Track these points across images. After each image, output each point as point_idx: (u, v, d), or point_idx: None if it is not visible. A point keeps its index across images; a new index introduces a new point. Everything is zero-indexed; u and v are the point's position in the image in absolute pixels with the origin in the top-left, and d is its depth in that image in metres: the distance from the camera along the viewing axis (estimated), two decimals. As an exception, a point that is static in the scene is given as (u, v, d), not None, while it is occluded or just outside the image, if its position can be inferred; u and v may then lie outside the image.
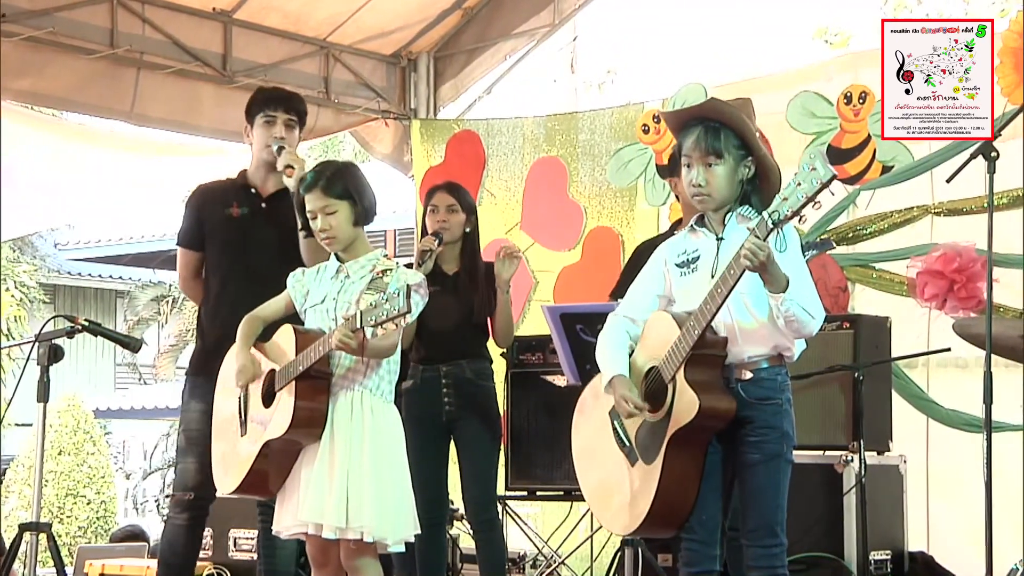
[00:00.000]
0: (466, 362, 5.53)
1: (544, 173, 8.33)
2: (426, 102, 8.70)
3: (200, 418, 4.86)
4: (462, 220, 5.59)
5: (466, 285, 5.55)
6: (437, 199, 5.62)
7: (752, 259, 3.54)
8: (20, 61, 6.86)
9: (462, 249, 5.62)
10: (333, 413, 4.21)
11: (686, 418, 3.72)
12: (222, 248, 4.99)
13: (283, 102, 4.99)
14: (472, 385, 5.53)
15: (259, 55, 7.88)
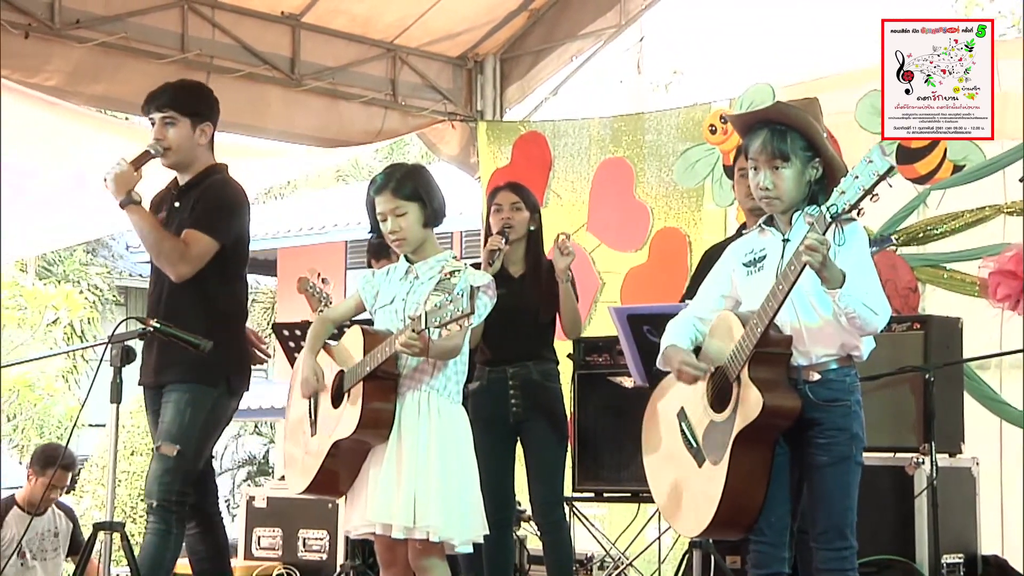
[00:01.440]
0: (533, 363, 5.54)
1: (610, 174, 8.31)
2: (492, 104, 8.71)
3: (151, 422, 4.87)
4: (526, 218, 5.59)
5: (532, 286, 5.56)
6: (501, 198, 5.62)
7: (812, 254, 3.53)
8: (93, 66, 6.96)
9: (527, 249, 5.62)
10: (400, 413, 4.24)
11: (751, 417, 3.70)
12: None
13: (153, 100, 4.89)
14: (539, 387, 5.53)
15: (327, 58, 7.93)
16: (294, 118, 7.85)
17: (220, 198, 4.85)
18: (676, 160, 8.07)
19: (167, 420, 4.65)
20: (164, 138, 4.82)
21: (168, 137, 4.82)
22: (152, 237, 4.73)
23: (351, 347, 4.35)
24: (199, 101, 4.94)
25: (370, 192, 4.40)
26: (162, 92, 4.87)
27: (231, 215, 4.85)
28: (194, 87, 5.06)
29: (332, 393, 4.41)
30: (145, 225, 4.74)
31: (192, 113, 4.86)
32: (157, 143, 4.83)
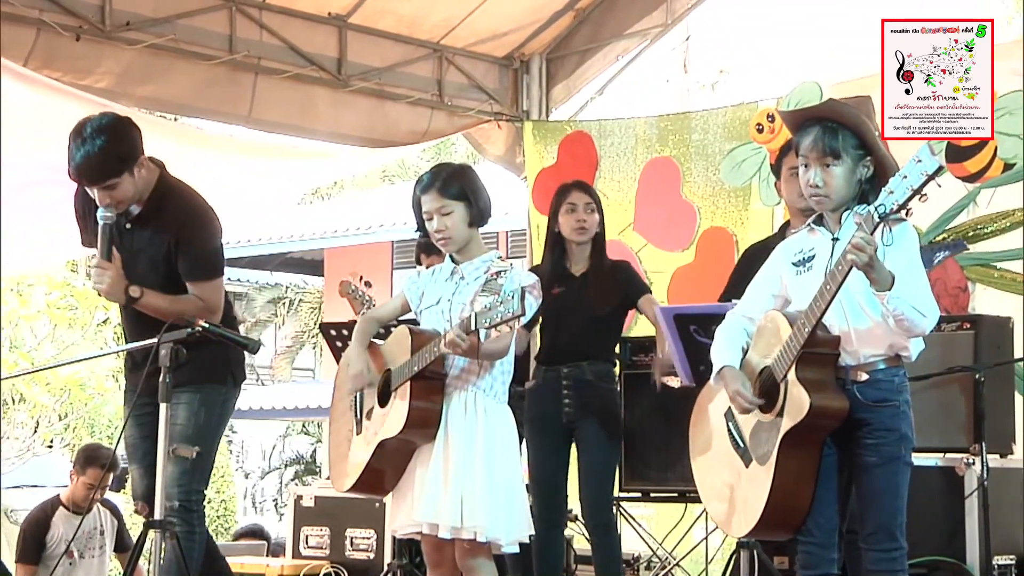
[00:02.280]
0: (587, 364, 5.53)
1: (657, 173, 8.29)
2: (538, 104, 8.71)
3: (131, 423, 4.78)
4: (597, 220, 5.60)
5: (592, 285, 5.55)
6: (575, 197, 5.61)
7: (858, 254, 3.51)
8: (143, 68, 7.01)
9: (592, 249, 5.62)
10: (447, 413, 4.25)
11: (797, 417, 3.69)
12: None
13: (86, 176, 4.49)
14: (592, 387, 5.53)
15: (373, 59, 7.96)
16: (341, 119, 7.88)
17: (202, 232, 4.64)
18: (723, 159, 8.04)
19: (181, 422, 4.61)
20: (113, 200, 4.52)
21: (115, 196, 4.52)
22: (171, 311, 4.54)
23: (398, 347, 4.36)
24: (126, 148, 4.53)
25: (416, 191, 4.41)
26: (90, 168, 4.45)
27: (215, 240, 4.68)
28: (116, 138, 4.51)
29: (379, 392, 4.42)
30: (159, 306, 4.58)
31: (127, 165, 4.50)
32: (107, 208, 4.51)
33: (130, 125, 4.61)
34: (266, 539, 8.89)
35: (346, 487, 4.53)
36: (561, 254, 5.65)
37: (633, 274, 5.75)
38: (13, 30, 6.51)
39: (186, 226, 4.62)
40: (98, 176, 4.46)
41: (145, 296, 4.56)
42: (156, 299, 4.58)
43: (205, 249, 4.66)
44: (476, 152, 9.30)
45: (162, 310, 4.57)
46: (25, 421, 13.91)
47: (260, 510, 21.36)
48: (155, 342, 4.30)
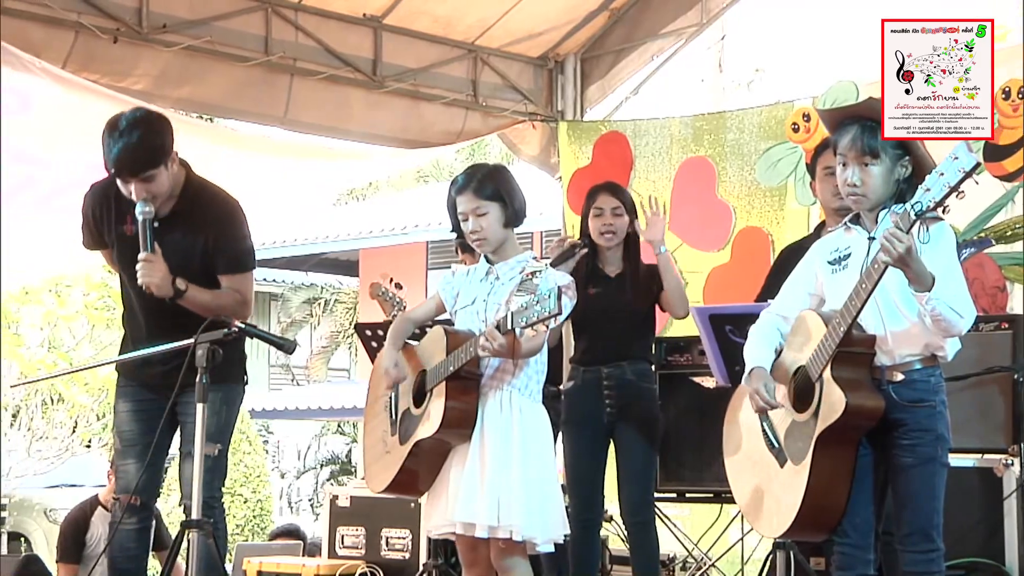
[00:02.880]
0: (627, 364, 5.54)
1: (692, 173, 8.28)
2: (573, 104, 8.71)
3: (130, 417, 4.79)
4: (627, 223, 5.60)
5: (627, 286, 5.55)
6: (602, 201, 5.62)
7: (890, 250, 3.49)
8: (180, 70, 7.06)
9: (625, 250, 5.62)
10: (483, 413, 4.26)
11: (833, 416, 3.68)
12: (119, 263, 4.79)
13: (127, 168, 4.51)
14: (634, 387, 5.53)
15: (408, 59, 7.98)
16: (376, 119, 7.91)
17: (236, 227, 4.71)
18: (758, 159, 8.01)
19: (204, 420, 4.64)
20: (150, 194, 4.53)
21: (152, 190, 4.54)
22: (213, 306, 4.59)
23: (433, 347, 4.38)
24: (162, 140, 4.57)
25: (451, 192, 4.42)
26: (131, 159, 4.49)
27: (248, 234, 4.75)
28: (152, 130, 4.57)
29: (414, 392, 4.44)
30: (203, 301, 4.60)
31: (164, 156, 4.54)
32: (145, 203, 4.53)
33: (163, 119, 4.67)
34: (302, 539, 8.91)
35: (381, 488, 4.54)
36: (593, 255, 5.66)
37: None
38: (52, 32, 6.57)
39: (220, 222, 4.68)
40: (138, 167, 4.48)
41: (190, 290, 4.58)
42: (200, 293, 4.61)
43: (241, 243, 4.73)
44: (511, 152, 9.30)
45: (205, 304, 4.60)
46: (64, 421, 14.02)
47: (296, 510, 21.44)
48: (192, 342, 4.33)
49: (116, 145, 4.50)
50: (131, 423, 4.79)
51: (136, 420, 4.78)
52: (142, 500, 4.74)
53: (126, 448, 4.79)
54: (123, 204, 4.67)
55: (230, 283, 4.67)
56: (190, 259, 4.63)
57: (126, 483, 4.77)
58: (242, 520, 15.67)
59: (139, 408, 4.78)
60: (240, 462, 15.74)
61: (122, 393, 4.86)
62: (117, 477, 4.84)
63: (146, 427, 4.76)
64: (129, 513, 4.73)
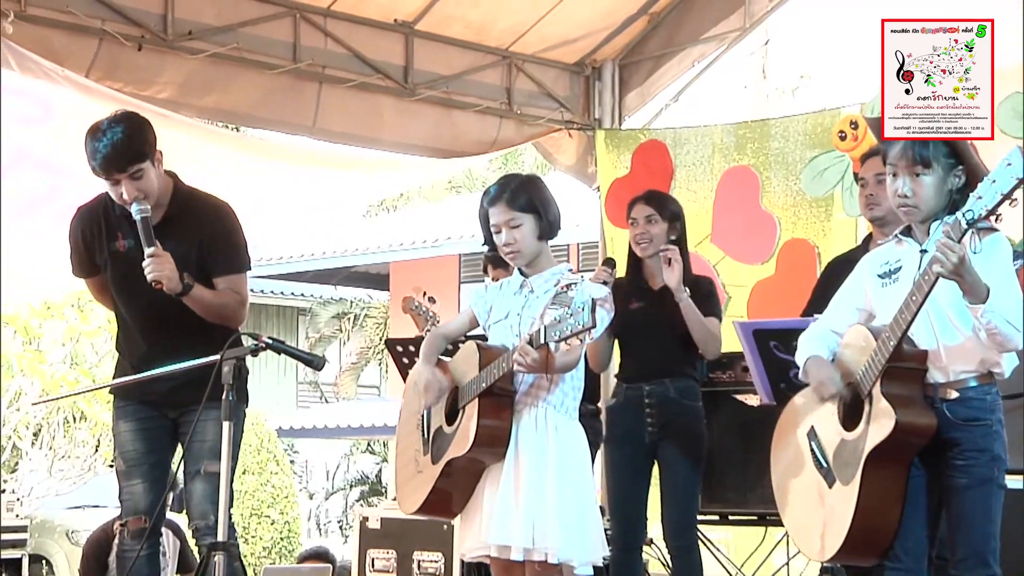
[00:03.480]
0: (670, 381, 5.51)
1: (735, 183, 8.25)
2: (611, 111, 8.70)
3: (134, 437, 4.79)
4: (663, 230, 5.56)
5: (670, 299, 5.53)
6: (636, 211, 5.62)
7: (943, 260, 3.47)
8: (205, 78, 7.09)
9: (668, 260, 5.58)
10: (517, 431, 4.25)
11: (882, 435, 3.65)
12: (114, 284, 4.82)
13: (116, 162, 4.55)
14: (676, 405, 5.51)
15: (440, 66, 7.99)
16: (407, 128, 7.92)
17: (230, 227, 4.78)
18: (804, 168, 7.98)
19: (211, 439, 4.59)
20: (140, 192, 4.57)
21: (142, 188, 4.57)
22: (216, 304, 4.66)
23: (466, 363, 4.38)
24: (145, 136, 4.63)
25: (483, 204, 4.42)
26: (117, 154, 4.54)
27: (242, 233, 4.82)
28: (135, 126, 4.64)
29: (446, 410, 4.44)
30: (207, 299, 4.65)
31: (150, 151, 4.61)
32: (138, 202, 4.56)
33: (143, 118, 4.76)
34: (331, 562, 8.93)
35: (413, 509, 4.54)
36: (638, 268, 5.65)
37: (711, 293, 5.69)
38: (75, 40, 6.62)
39: (213, 224, 4.76)
40: (126, 161, 4.54)
41: (196, 287, 4.62)
42: (203, 291, 4.67)
43: (235, 243, 4.80)
44: (546, 162, 9.30)
45: (209, 302, 4.67)
46: (86, 440, 14.11)
47: (324, 532, 21.47)
48: (218, 359, 4.33)
49: (102, 143, 4.57)
50: (135, 442, 4.80)
51: (140, 439, 4.78)
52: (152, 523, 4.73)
53: (131, 469, 4.79)
54: (112, 222, 4.75)
55: (228, 284, 4.73)
56: (186, 265, 4.66)
57: (133, 505, 4.77)
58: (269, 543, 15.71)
59: (142, 427, 4.79)
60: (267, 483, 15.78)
61: (122, 413, 4.85)
62: (122, 500, 4.81)
63: (150, 446, 4.79)
64: (137, 537, 4.72)
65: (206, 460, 4.59)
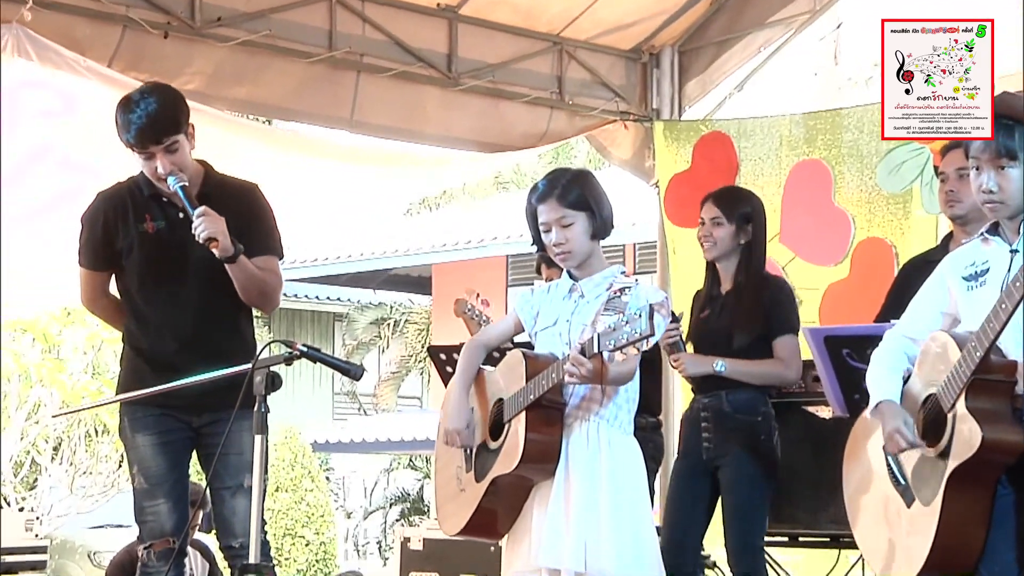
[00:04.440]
0: (726, 393, 5.50)
1: (805, 178, 8.22)
2: (670, 101, 8.69)
3: (155, 451, 4.76)
4: (729, 234, 5.55)
5: (732, 307, 5.52)
6: (704, 209, 5.63)
7: None
8: (236, 67, 7.12)
9: (739, 264, 5.58)
10: (567, 446, 4.25)
11: (967, 452, 3.63)
12: (140, 269, 4.82)
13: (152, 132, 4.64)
14: (733, 420, 5.50)
15: (487, 54, 8.00)
16: (451, 120, 7.94)
17: (266, 210, 4.89)
18: (879, 162, 7.95)
19: (250, 451, 4.70)
20: (175, 166, 4.66)
21: (176, 161, 4.67)
22: (258, 279, 4.72)
23: (511, 373, 4.38)
24: (179, 107, 4.76)
25: (532, 201, 4.43)
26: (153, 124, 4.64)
27: (275, 220, 4.92)
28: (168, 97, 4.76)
29: (490, 424, 4.44)
30: (251, 270, 4.70)
31: (184, 122, 4.73)
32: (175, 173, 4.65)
33: (175, 90, 4.87)
34: (369, 586, 8.97)
35: (456, 530, 4.55)
36: (713, 274, 5.66)
37: (782, 300, 5.65)
38: (97, 28, 6.67)
39: (250, 204, 4.85)
40: (162, 131, 4.63)
41: (242, 256, 4.68)
42: (249, 263, 4.72)
43: (272, 225, 4.89)
44: (600, 156, 9.29)
45: (252, 274, 4.72)
46: (109, 454, 14.20)
47: (363, 553, 21.56)
48: (250, 367, 4.33)
49: (135, 114, 4.65)
50: (156, 457, 4.78)
51: (162, 454, 4.78)
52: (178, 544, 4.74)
53: (154, 487, 4.77)
54: (140, 202, 4.79)
55: (266, 264, 4.79)
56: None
57: (159, 526, 4.76)
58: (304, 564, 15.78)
59: (164, 440, 4.78)
60: (301, 500, 15.85)
61: (140, 424, 4.81)
62: (145, 520, 4.78)
63: (173, 461, 4.79)
64: (164, 559, 4.72)
65: (245, 474, 4.59)
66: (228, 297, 4.76)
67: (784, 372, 5.56)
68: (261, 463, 4.27)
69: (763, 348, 5.57)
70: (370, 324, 22.96)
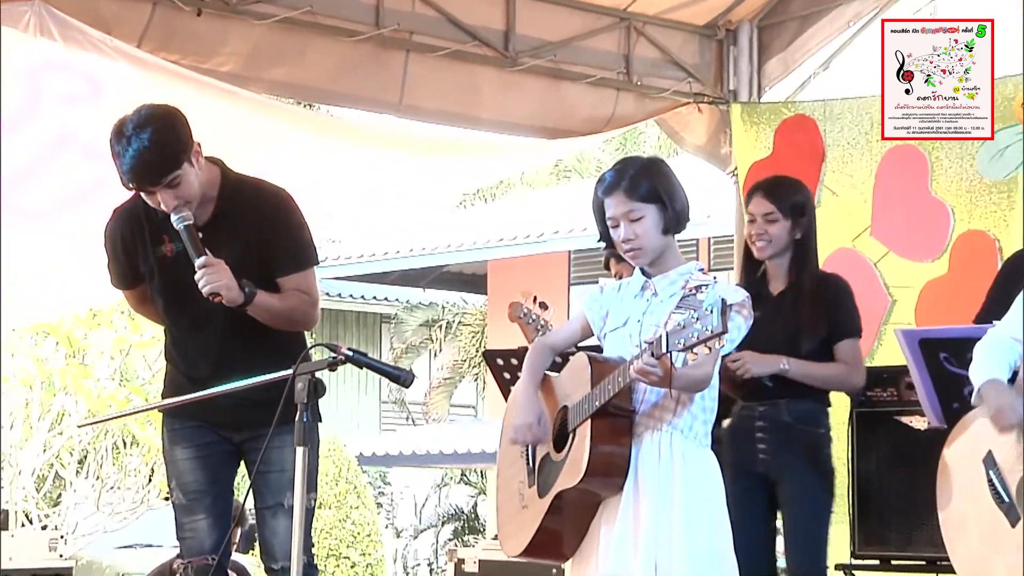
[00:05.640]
0: (785, 402, 5.50)
1: (899, 165, 8.18)
2: (748, 82, 8.67)
3: (194, 465, 4.83)
4: (785, 228, 5.54)
5: (790, 309, 5.51)
6: (753, 205, 5.61)
7: None
8: (275, 47, 7.15)
9: (792, 261, 5.57)
10: (637, 459, 4.27)
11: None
12: (162, 294, 4.88)
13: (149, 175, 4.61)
14: (792, 430, 5.51)
15: (547, 31, 8.01)
16: (508, 104, 7.95)
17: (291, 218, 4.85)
18: (980, 146, 7.89)
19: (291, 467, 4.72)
20: (180, 200, 4.65)
21: (181, 195, 4.65)
22: (284, 309, 4.74)
23: (576, 378, 4.40)
24: (178, 135, 4.70)
25: (598, 193, 4.44)
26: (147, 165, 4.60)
27: (305, 224, 4.89)
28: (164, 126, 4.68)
29: (554, 434, 4.46)
30: (272, 305, 4.72)
31: (184, 154, 4.67)
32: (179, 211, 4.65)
33: (173, 111, 4.78)
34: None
35: (518, 551, 4.57)
36: (754, 270, 5.64)
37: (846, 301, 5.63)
38: (126, 5, 6.71)
39: (271, 217, 4.81)
40: (158, 172, 4.60)
41: (259, 294, 4.69)
42: (267, 298, 4.72)
43: (299, 236, 4.85)
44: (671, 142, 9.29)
45: (275, 310, 4.73)
46: (138, 468, 14.28)
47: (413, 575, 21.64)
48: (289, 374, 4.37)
49: (127, 152, 4.61)
50: (195, 472, 4.85)
51: (201, 468, 4.84)
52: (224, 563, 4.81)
53: (192, 503, 4.84)
54: (156, 223, 4.79)
55: (295, 283, 4.79)
56: (245, 266, 4.71)
57: (198, 544, 4.83)
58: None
59: (203, 454, 4.84)
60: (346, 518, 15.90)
61: (177, 436, 4.89)
62: (184, 537, 4.85)
63: (213, 475, 4.86)
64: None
65: (289, 493, 4.62)
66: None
67: (851, 377, 5.58)
68: (303, 479, 4.28)
69: (826, 352, 5.58)
70: (420, 326, 23.03)
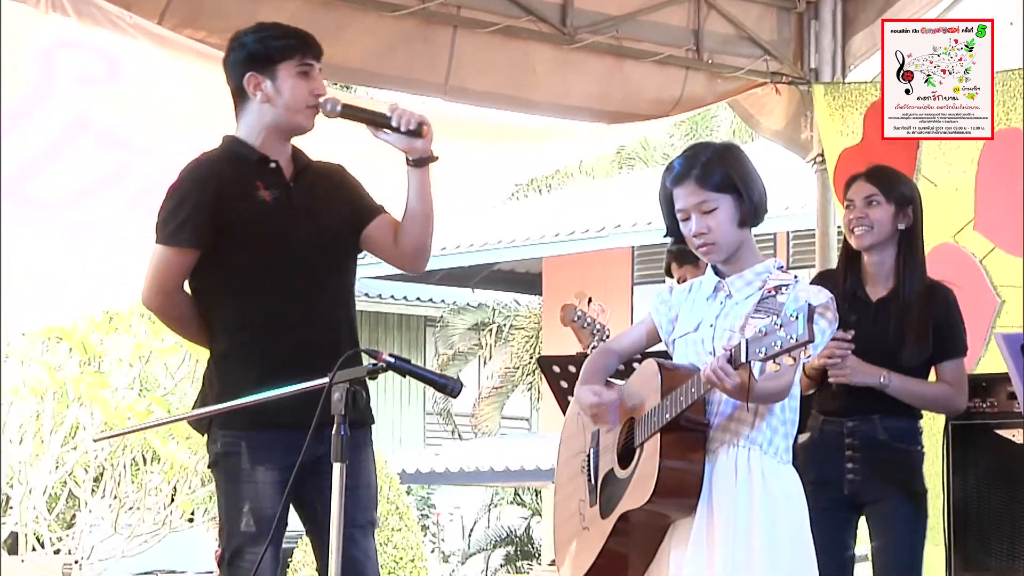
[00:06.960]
0: (879, 418, 5.50)
1: (1004, 151, 8.12)
2: (832, 60, 8.64)
3: (276, 491, 4.64)
4: (888, 216, 5.50)
5: (892, 319, 5.49)
6: (853, 191, 5.58)
7: None
8: (309, 24, 7.03)
9: (897, 257, 5.54)
10: (710, 476, 4.28)
11: None
12: (252, 246, 4.84)
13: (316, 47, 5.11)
14: (886, 449, 5.51)
15: (608, 5, 8.01)
16: (566, 85, 7.95)
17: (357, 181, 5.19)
18: (1093, 130, 7.86)
19: (370, 483, 4.72)
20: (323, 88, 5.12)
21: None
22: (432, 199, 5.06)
23: (644, 388, 4.41)
24: None
25: (666, 182, 4.46)
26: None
27: None
28: None
29: (620, 449, 4.47)
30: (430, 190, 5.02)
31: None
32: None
33: None
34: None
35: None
36: (853, 268, 5.61)
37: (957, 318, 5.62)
38: (146, -22, 6.77)
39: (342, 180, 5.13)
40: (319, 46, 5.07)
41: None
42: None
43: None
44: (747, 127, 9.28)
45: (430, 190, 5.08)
46: (160, 486, 14.34)
47: (461, 605, 21.70)
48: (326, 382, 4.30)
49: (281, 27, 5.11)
50: (275, 497, 4.66)
51: (280, 492, 4.62)
52: None
53: (263, 533, 4.64)
54: (250, 171, 4.88)
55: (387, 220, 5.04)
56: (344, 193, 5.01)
57: None
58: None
59: (287, 477, 4.51)
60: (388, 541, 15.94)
61: (259, 454, 4.71)
62: (240, 566, 4.69)
63: (287, 501, 4.66)
64: None
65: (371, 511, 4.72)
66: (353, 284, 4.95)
67: (955, 400, 5.62)
68: (341, 499, 4.18)
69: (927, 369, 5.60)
70: (468, 330, 23.07)
